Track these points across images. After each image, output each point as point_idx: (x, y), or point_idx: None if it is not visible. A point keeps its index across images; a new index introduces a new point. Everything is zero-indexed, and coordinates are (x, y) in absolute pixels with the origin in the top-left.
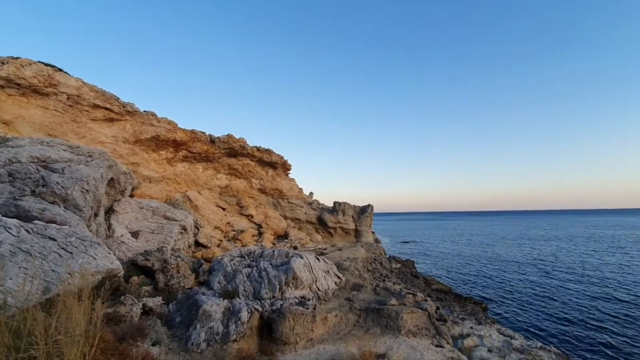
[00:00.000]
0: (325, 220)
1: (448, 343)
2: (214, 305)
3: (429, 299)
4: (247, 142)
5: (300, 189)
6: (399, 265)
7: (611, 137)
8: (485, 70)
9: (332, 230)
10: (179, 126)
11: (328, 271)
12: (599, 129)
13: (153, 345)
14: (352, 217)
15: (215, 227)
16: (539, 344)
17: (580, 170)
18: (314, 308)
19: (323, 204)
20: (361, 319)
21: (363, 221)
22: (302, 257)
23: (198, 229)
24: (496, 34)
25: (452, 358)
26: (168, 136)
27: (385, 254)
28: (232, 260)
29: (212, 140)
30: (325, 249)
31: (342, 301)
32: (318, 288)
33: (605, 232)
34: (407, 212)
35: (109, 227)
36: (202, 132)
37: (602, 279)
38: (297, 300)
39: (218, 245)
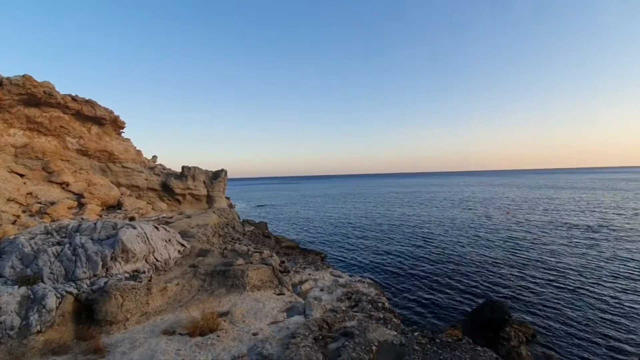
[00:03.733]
0: (172, 186)
1: (289, 290)
2: (3, 296)
3: (274, 255)
4: (56, 89)
5: (139, 151)
6: (252, 228)
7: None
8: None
9: (180, 198)
10: None
11: (169, 240)
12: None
13: None
14: (204, 182)
15: (10, 200)
16: (358, 277)
17: (406, 140)
18: (150, 280)
19: (170, 169)
20: (206, 283)
21: (216, 187)
22: (134, 228)
23: None
24: None
25: (290, 302)
26: None
27: (239, 218)
28: (32, 238)
29: None
30: (171, 217)
31: (185, 269)
32: (156, 259)
33: (410, 190)
34: (266, 177)
35: None
36: None
37: (404, 225)
38: (128, 275)
39: (14, 222)
